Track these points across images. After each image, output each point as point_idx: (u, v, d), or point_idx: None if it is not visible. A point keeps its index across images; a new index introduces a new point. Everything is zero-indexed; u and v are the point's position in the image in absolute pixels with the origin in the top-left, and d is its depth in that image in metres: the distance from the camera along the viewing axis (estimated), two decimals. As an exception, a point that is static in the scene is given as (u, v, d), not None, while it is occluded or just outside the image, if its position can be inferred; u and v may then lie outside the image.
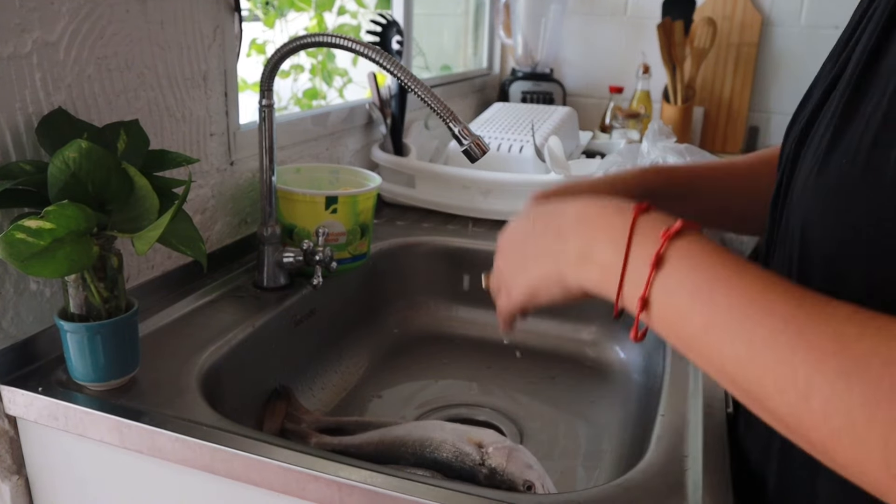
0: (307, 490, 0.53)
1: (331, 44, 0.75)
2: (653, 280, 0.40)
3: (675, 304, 0.40)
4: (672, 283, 0.40)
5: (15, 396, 0.62)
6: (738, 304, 0.37)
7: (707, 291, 0.38)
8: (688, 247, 0.41)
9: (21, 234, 0.52)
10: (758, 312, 0.36)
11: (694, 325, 0.38)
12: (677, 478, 0.55)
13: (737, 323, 0.36)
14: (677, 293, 0.40)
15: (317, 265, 0.84)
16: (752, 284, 0.37)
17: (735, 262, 0.39)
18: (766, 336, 0.35)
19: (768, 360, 0.35)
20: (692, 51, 1.77)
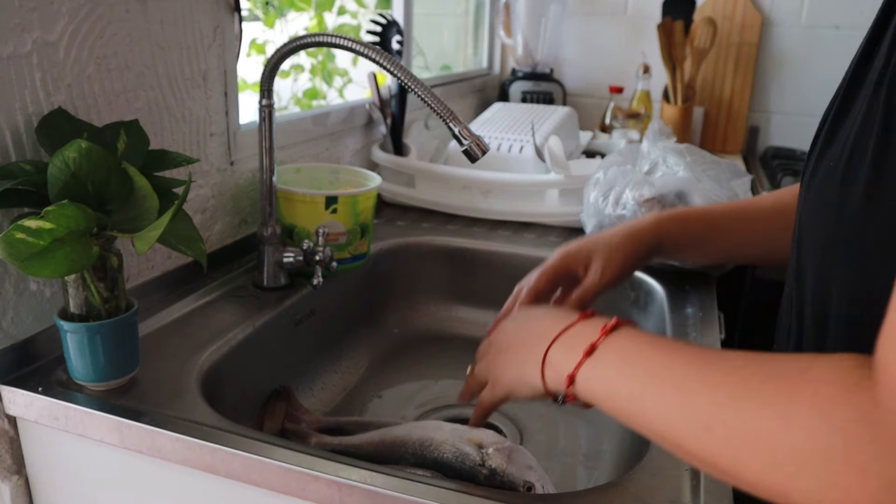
0: (307, 490, 0.53)
1: (331, 44, 0.75)
2: (582, 363, 0.50)
3: (605, 382, 0.49)
4: (602, 366, 0.49)
5: (15, 396, 0.62)
6: (655, 373, 0.44)
7: (629, 372, 0.47)
8: (620, 337, 0.50)
9: (21, 234, 0.52)
10: (670, 376, 0.43)
11: (622, 396, 0.47)
12: (677, 478, 0.55)
13: (654, 388, 0.44)
14: (606, 374, 0.49)
15: (317, 265, 0.84)
16: (667, 356, 0.45)
17: (655, 343, 0.48)
18: (674, 392, 0.42)
19: (677, 410, 0.42)
20: (692, 51, 1.77)
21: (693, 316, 0.85)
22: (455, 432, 0.65)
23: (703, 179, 0.97)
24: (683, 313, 0.86)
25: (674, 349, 0.46)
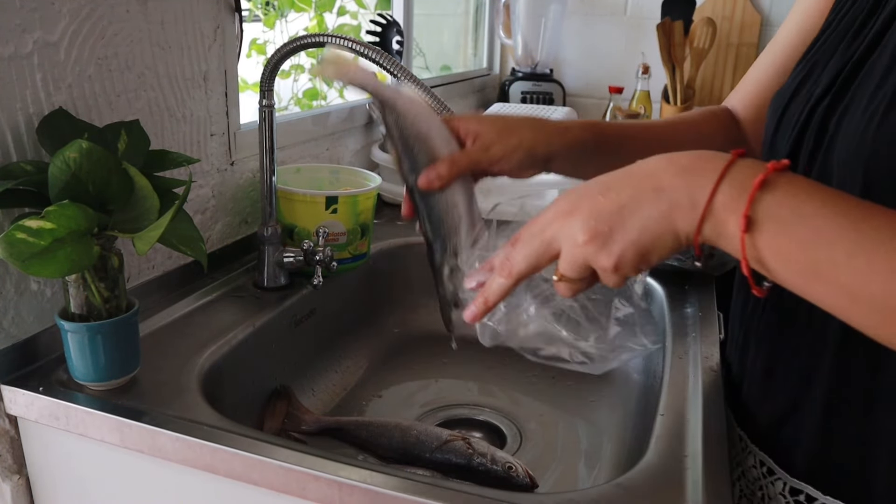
0: (307, 490, 0.53)
1: (331, 44, 0.75)
2: (760, 200, 0.39)
3: (808, 226, 0.39)
4: (804, 208, 0.39)
5: (16, 396, 0.62)
6: (883, 223, 0.37)
7: (845, 215, 0.38)
8: (797, 178, 0.40)
9: (22, 234, 0.52)
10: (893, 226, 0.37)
11: (836, 248, 0.38)
12: (677, 478, 0.55)
13: (890, 244, 0.37)
14: (810, 216, 0.39)
15: (317, 265, 0.84)
16: (880, 209, 0.38)
17: (845, 193, 0.40)
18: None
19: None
20: (692, 51, 1.77)
21: (693, 316, 0.85)
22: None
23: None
24: (683, 313, 0.86)
25: (876, 205, 0.39)
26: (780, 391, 0.58)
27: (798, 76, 0.59)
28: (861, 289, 0.37)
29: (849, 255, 0.37)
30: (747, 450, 0.62)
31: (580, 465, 0.81)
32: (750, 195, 0.39)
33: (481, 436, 0.88)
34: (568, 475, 0.79)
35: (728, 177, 0.41)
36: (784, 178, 0.40)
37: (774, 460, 0.59)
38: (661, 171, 0.43)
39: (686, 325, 0.83)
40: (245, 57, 1.13)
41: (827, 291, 0.39)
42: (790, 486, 0.57)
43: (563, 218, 0.44)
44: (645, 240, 0.43)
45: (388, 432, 0.73)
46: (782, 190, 0.40)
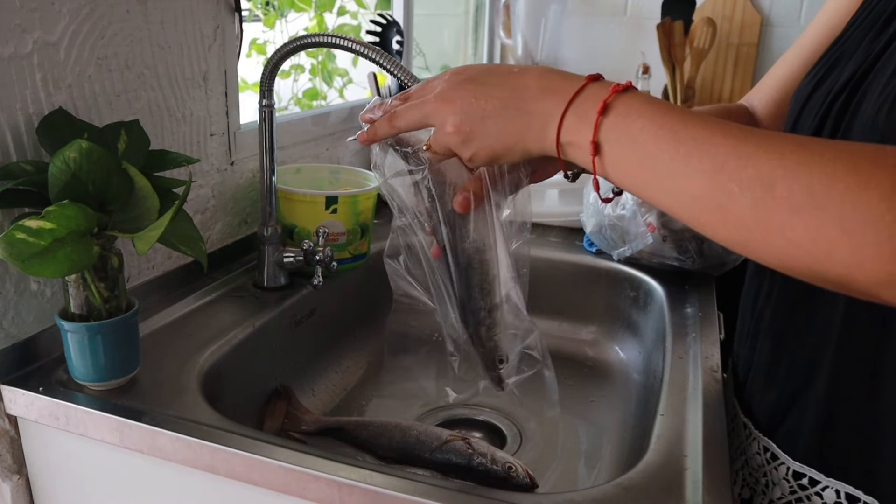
0: (307, 490, 0.53)
1: (331, 44, 0.75)
2: (600, 125, 0.45)
3: (637, 143, 0.44)
4: (634, 128, 0.44)
5: (16, 396, 0.62)
6: (700, 132, 0.42)
7: (667, 127, 0.43)
8: (640, 98, 0.46)
9: (22, 234, 0.52)
10: (718, 135, 0.41)
11: (659, 158, 0.43)
12: (677, 478, 0.55)
13: (702, 146, 0.42)
14: (637, 133, 0.44)
15: (317, 265, 0.84)
16: (705, 119, 0.43)
17: (682, 108, 0.45)
18: (728, 150, 0.41)
19: (733, 167, 0.40)
20: (692, 51, 1.77)
21: (693, 316, 0.85)
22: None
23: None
24: (683, 313, 0.86)
25: (706, 116, 0.43)
26: (786, 377, 0.59)
27: (821, 70, 0.60)
28: (683, 191, 0.42)
29: (669, 161, 0.43)
30: (751, 437, 0.63)
31: (580, 465, 0.81)
32: (595, 122, 0.45)
33: (481, 436, 0.88)
34: (568, 475, 0.79)
35: (574, 105, 0.47)
36: (620, 99, 0.45)
37: (778, 445, 0.59)
38: (529, 88, 0.49)
39: (686, 325, 0.83)
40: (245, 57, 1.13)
41: (661, 198, 0.44)
42: (793, 470, 0.58)
43: (441, 103, 0.51)
44: (497, 147, 0.50)
45: (388, 432, 0.73)
46: (616, 112, 0.45)
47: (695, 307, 0.87)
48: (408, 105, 0.54)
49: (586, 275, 1.03)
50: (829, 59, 0.60)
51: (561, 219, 1.16)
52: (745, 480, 0.64)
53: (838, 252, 0.37)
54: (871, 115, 0.50)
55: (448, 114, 0.51)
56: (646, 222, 0.95)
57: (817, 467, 0.56)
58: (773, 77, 0.76)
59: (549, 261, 1.05)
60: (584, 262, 1.03)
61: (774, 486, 0.60)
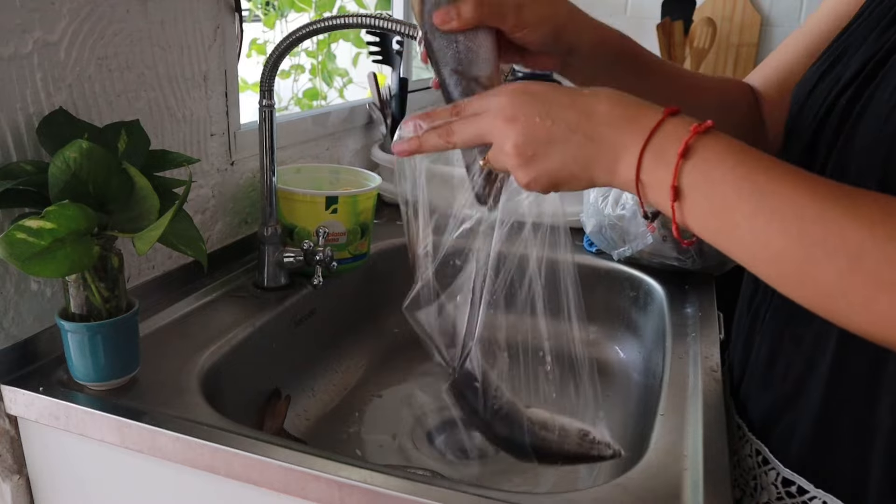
0: (307, 490, 0.53)
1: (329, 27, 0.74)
2: (680, 169, 0.42)
3: (719, 193, 0.42)
4: (714, 175, 0.42)
5: (16, 396, 0.62)
6: (786, 189, 0.40)
7: (750, 179, 0.41)
8: (722, 141, 0.43)
9: (22, 234, 0.52)
10: (806, 195, 0.40)
11: (742, 211, 0.41)
12: (677, 478, 0.55)
13: (787, 205, 0.40)
14: (718, 182, 0.42)
15: (317, 265, 0.84)
16: (792, 172, 0.41)
17: (767, 156, 0.42)
18: (815, 213, 0.39)
19: (819, 232, 0.39)
20: (692, 51, 1.77)
21: (693, 316, 0.85)
22: None
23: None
24: (683, 313, 0.86)
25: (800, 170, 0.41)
26: (781, 381, 0.58)
27: (826, 60, 0.59)
28: (764, 249, 0.41)
29: (751, 217, 0.41)
30: (744, 439, 0.63)
31: (580, 465, 0.81)
32: (675, 165, 0.42)
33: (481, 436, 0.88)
34: (568, 475, 0.79)
35: (652, 142, 0.44)
36: (702, 141, 0.43)
37: (770, 450, 0.59)
38: (600, 114, 0.46)
39: (686, 325, 0.83)
40: (245, 57, 1.13)
41: (739, 252, 0.43)
42: (783, 476, 0.57)
43: (502, 122, 0.47)
44: (561, 175, 0.47)
45: None
46: (697, 156, 0.42)
47: (695, 307, 0.87)
48: (464, 119, 0.50)
49: (586, 275, 1.03)
50: (835, 51, 0.59)
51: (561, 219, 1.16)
52: (735, 481, 0.64)
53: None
54: (879, 119, 0.49)
55: (509, 133, 0.47)
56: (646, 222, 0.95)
57: (807, 476, 0.55)
58: (774, 61, 0.74)
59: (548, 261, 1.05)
60: (584, 262, 1.03)
61: (763, 490, 0.59)
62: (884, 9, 0.57)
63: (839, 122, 0.54)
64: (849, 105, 0.53)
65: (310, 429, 0.84)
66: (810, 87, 0.60)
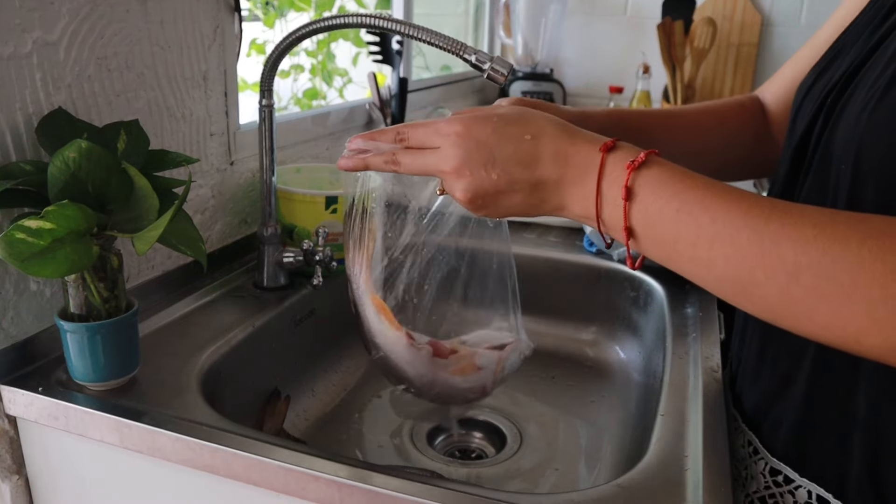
0: (307, 490, 0.53)
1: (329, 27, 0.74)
2: (629, 211, 0.46)
3: (660, 228, 0.45)
4: (652, 211, 0.45)
5: (15, 396, 0.62)
6: (720, 215, 0.43)
7: (686, 210, 0.44)
8: (656, 175, 0.46)
9: (21, 234, 0.52)
10: (739, 218, 0.42)
11: (682, 242, 0.44)
12: (677, 478, 0.55)
13: (723, 231, 0.42)
14: (658, 219, 0.45)
15: (317, 265, 0.84)
16: (725, 197, 0.43)
17: (702, 181, 0.45)
18: (750, 235, 0.41)
19: (756, 254, 0.41)
20: (692, 51, 1.77)
21: (693, 316, 0.85)
22: None
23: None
24: (683, 313, 0.86)
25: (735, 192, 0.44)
26: (770, 374, 0.59)
27: (820, 65, 0.61)
28: (709, 274, 0.44)
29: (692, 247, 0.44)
30: (738, 429, 0.64)
31: (580, 465, 0.81)
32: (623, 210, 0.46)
33: (481, 436, 0.88)
34: (568, 475, 0.79)
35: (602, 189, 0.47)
36: (639, 180, 0.46)
37: (760, 440, 0.60)
38: (543, 162, 0.49)
39: (686, 325, 0.83)
40: (245, 57, 1.13)
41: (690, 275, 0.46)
42: (770, 466, 0.58)
43: (450, 171, 0.50)
44: (512, 213, 0.51)
45: None
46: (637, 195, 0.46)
47: (695, 307, 0.87)
48: (410, 153, 0.52)
49: (586, 275, 1.03)
50: (830, 53, 0.61)
51: (561, 219, 1.16)
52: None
53: (868, 338, 0.38)
54: (855, 114, 0.50)
55: (457, 184, 0.50)
56: (646, 222, 0.95)
57: (792, 466, 0.56)
58: (783, 74, 0.76)
59: (548, 261, 1.05)
60: (584, 262, 1.03)
61: (752, 480, 0.60)
62: (877, 8, 0.58)
63: (825, 120, 0.55)
64: (833, 103, 0.55)
65: (310, 429, 0.84)
66: (806, 89, 0.61)
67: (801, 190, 0.57)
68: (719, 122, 0.74)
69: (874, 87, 0.49)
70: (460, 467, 0.80)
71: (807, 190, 0.56)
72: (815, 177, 0.55)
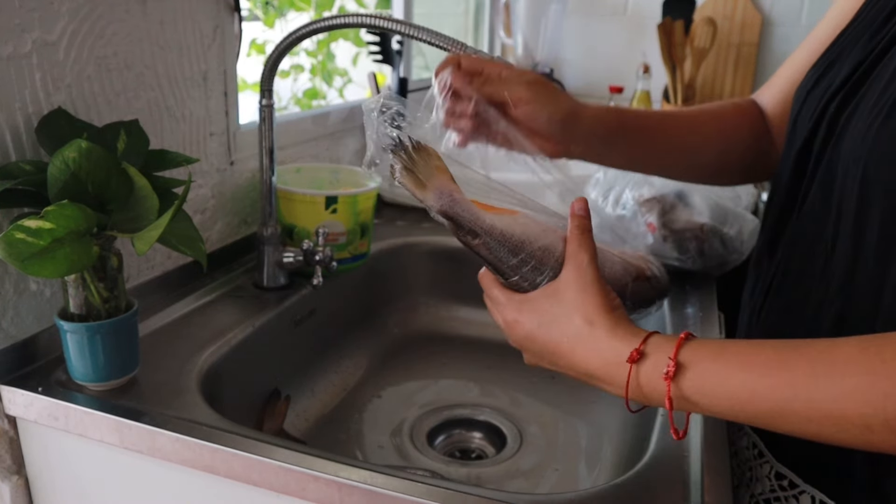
0: (307, 490, 0.53)
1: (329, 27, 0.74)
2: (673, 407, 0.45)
3: (718, 413, 0.45)
4: (702, 405, 0.45)
5: (15, 396, 0.62)
6: (770, 394, 0.42)
7: (738, 402, 0.43)
8: (695, 377, 0.45)
9: (21, 234, 0.52)
10: (789, 392, 0.41)
11: (744, 420, 0.44)
12: (677, 478, 0.55)
13: (780, 408, 0.42)
14: (713, 409, 0.45)
15: (317, 265, 0.84)
16: (766, 373, 0.43)
17: (738, 361, 0.44)
18: (806, 406, 0.41)
19: (820, 419, 0.41)
20: (692, 51, 1.77)
21: (693, 316, 0.85)
22: None
23: (703, 179, 0.97)
24: (683, 313, 0.86)
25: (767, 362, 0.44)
26: None
27: (819, 68, 0.60)
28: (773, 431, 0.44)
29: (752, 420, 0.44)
30: (742, 431, 0.64)
31: (580, 465, 0.81)
32: (668, 405, 0.45)
33: (481, 436, 0.88)
34: (568, 476, 0.79)
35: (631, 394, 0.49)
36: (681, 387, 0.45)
37: (765, 444, 0.60)
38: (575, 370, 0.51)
39: (686, 325, 0.82)
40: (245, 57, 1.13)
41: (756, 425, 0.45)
42: (776, 470, 0.58)
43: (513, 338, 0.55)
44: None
45: None
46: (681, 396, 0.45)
47: (695, 307, 0.87)
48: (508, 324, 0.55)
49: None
50: (829, 56, 0.60)
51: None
52: (732, 470, 0.65)
53: None
54: (862, 129, 0.50)
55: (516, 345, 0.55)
56: (646, 222, 0.95)
57: (797, 471, 0.56)
58: (781, 76, 0.76)
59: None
60: (584, 262, 1.03)
61: (757, 482, 0.60)
62: (874, 14, 0.57)
63: (828, 128, 0.55)
64: (837, 112, 0.54)
65: (309, 429, 0.84)
66: (805, 94, 0.60)
67: (804, 198, 0.57)
68: (717, 123, 0.74)
69: (881, 103, 0.49)
70: (460, 467, 0.80)
71: (810, 198, 0.56)
72: (818, 185, 0.55)
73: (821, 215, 0.55)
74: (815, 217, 0.55)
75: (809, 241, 0.56)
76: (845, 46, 0.59)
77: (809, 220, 0.56)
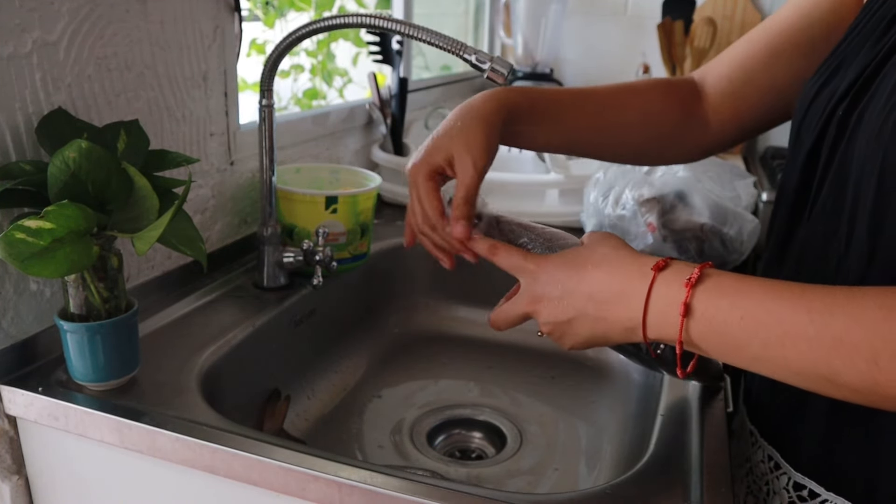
0: (307, 490, 0.53)
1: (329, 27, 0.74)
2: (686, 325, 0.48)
3: (727, 338, 0.46)
4: (716, 323, 0.47)
5: (15, 396, 0.62)
6: (785, 315, 0.44)
7: (751, 317, 0.45)
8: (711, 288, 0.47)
9: (21, 234, 0.52)
10: (803, 314, 0.43)
11: (754, 346, 0.45)
12: (677, 478, 0.55)
13: (792, 332, 0.43)
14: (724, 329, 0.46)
15: (317, 265, 0.84)
16: (784, 294, 0.45)
17: (757, 283, 0.46)
18: (819, 329, 0.42)
19: (829, 346, 0.42)
20: (692, 51, 1.77)
21: (693, 316, 0.85)
22: None
23: (703, 179, 0.97)
24: (683, 313, 0.86)
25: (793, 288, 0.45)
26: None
27: (824, 73, 0.60)
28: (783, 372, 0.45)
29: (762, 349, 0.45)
30: (757, 444, 0.63)
31: (580, 465, 0.81)
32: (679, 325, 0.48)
33: (481, 436, 0.88)
34: (568, 476, 0.79)
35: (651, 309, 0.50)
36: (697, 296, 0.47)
37: (782, 454, 0.59)
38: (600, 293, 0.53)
39: (686, 325, 0.82)
40: (245, 57, 1.13)
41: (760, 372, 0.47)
42: (794, 480, 0.57)
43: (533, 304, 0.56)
44: (590, 343, 0.55)
45: None
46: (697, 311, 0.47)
47: (695, 307, 0.87)
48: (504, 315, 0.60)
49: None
50: (833, 61, 0.60)
51: (561, 219, 1.16)
52: (749, 488, 0.64)
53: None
54: (876, 126, 0.49)
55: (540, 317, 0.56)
56: (646, 222, 0.95)
57: (818, 479, 0.55)
58: (731, 54, 0.74)
59: (549, 261, 1.05)
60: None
61: (775, 495, 0.59)
62: (879, 17, 0.57)
63: (836, 134, 0.55)
64: (844, 117, 0.54)
65: (309, 429, 0.84)
66: (810, 100, 0.60)
67: (814, 204, 0.57)
68: (640, 99, 0.73)
69: (892, 100, 0.49)
70: (460, 467, 0.80)
71: (821, 200, 0.56)
72: (829, 191, 0.55)
73: (833, 216, 0.54)
74: (828, 218, 0.55)
75: (821, 243, 0.56)
76: (847, 54, 0.58)
77: (821, 222, 0.56)
